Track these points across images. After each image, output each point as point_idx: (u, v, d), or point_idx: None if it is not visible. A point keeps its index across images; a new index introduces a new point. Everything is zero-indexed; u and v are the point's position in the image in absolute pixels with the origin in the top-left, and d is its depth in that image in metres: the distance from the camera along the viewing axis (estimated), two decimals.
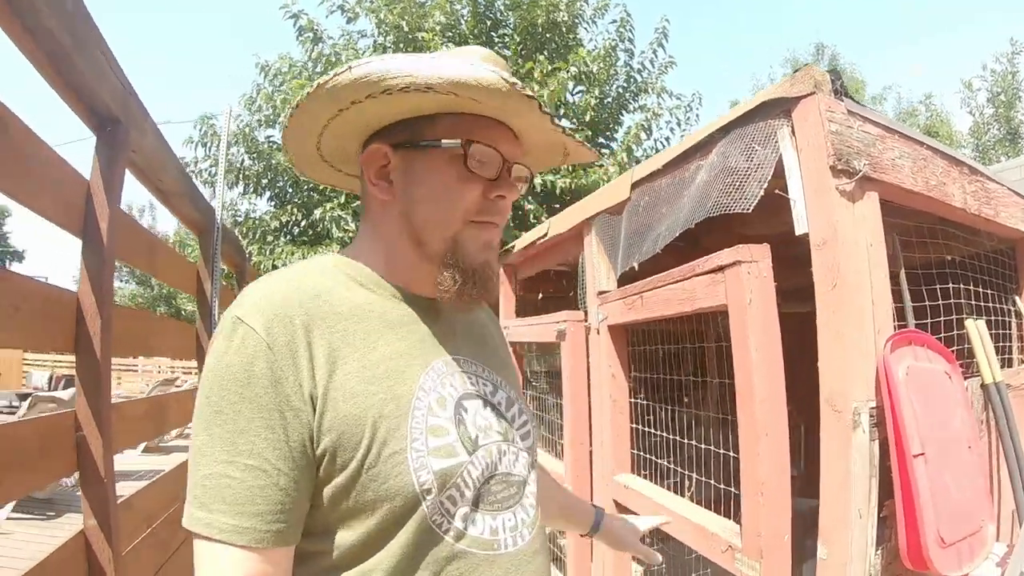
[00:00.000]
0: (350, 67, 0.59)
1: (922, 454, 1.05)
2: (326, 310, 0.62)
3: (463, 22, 5.88)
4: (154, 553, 2.01)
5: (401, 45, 5.46)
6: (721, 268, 1.31)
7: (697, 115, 7.22)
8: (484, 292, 0.69)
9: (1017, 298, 2.19)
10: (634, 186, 1.84)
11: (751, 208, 1.25)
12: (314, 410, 0.58)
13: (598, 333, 2.02)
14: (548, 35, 6.09)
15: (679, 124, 6.95)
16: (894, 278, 1.32)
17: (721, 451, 1.54)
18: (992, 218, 1.69)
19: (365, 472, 0.59)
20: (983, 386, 1.61)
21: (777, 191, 1.27)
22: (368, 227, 0.71)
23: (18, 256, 30.90)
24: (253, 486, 0.55)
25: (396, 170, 0.68)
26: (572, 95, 6.35)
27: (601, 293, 2.04)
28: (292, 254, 5.21)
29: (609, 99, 6.64)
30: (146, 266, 2.16)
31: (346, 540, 0.60)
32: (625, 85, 6.72)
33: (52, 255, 46.86)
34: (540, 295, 3.59)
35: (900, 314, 1.39)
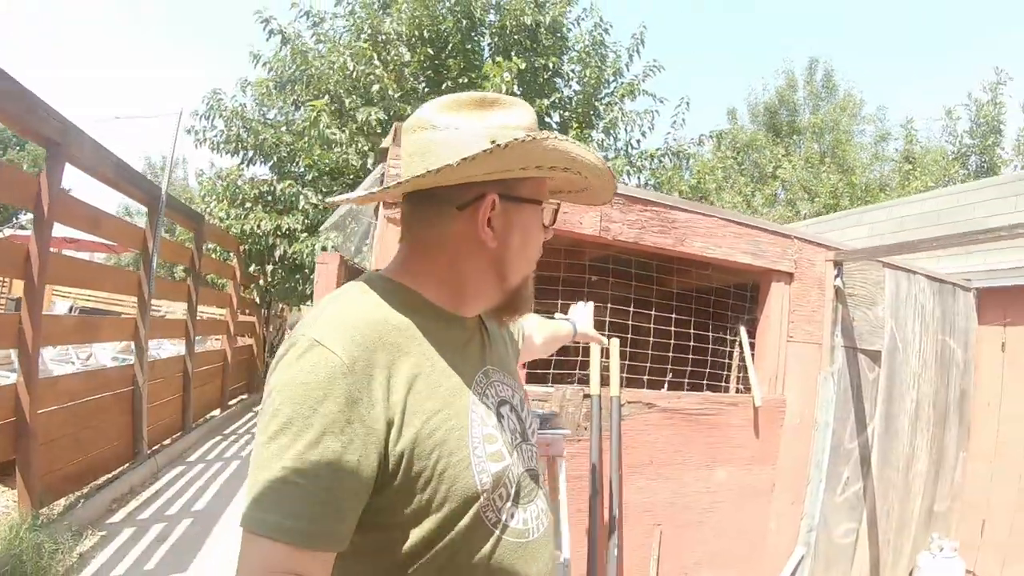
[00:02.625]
0: (549, 136, 0.68)
1: None
2: (394, 335, 0.68)
3: (444, 21, 6.49)
4: (69, 416, 3.19)
5: (370, 43, 6.09)
6: None
7: (683, 119, 7.65)
8: (528, 310, 0.85)
9: (742, 328, 2.98)
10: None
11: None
12: (389, 428, 0.64)
13: None
14: (527, 36, 6.62)
15: (651, 127, 7.49)
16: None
17: None
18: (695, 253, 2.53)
19: (437, 478, 0.66)
20: (586, 396, 2.31)
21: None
22: (438, 257, 0.76)
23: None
24: (314, 492, 0.59)
25: (496, 218, 0.74)
26: (551, 119, 6.94)
27: None
28: (262, 220, 6.08)
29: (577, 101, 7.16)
30: (89, 229, 3.34)
31: (414, 534, 0.66)
32: (594, 90, 7.15)
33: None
34: None
35: None
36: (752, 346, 2.78)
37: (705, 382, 2.76)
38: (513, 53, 6.31)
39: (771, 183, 12.68)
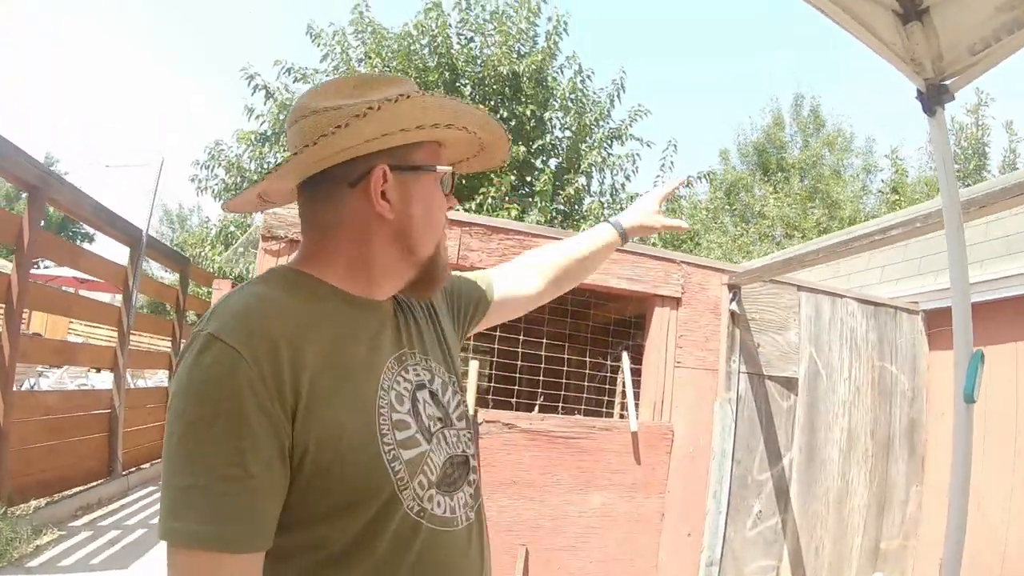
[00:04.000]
0: (424, 93, 0.69)
1: None
2: (292, 325, 0.65)
3: (428, 72, 6.98)
4: (43, 430, 3.62)
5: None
6: None
7: (671, 162, 7.91)
8: (445, 283, 0.84)
9: (625, 353, 3.06)
10: None
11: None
12: (293, 419, 0.62)
13: None
14: (507, 85, 7.02)
15: (635, 171, 7.66)
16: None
17: None
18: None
19: (347, 469, 0.64)
20: None
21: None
22: (343, 240, 0.74)
23: None
24: (225, 493, 0.57)
25: (392, 190, 0.73)
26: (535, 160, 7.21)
27: None
28: (251, 264, 6.56)
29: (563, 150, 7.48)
30: (69, 263, 3.83)
31: (336, 528, 0.65)
32: (578, 136, 7.46)
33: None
34: None
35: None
36: (637, 372, 2.80)
37: (583, 407, 2.80)
38: (493, 102, 6.64)
39: (760, 222, 12.54)
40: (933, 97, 1.45)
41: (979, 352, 1.31)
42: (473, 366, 2.48)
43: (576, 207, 7.22)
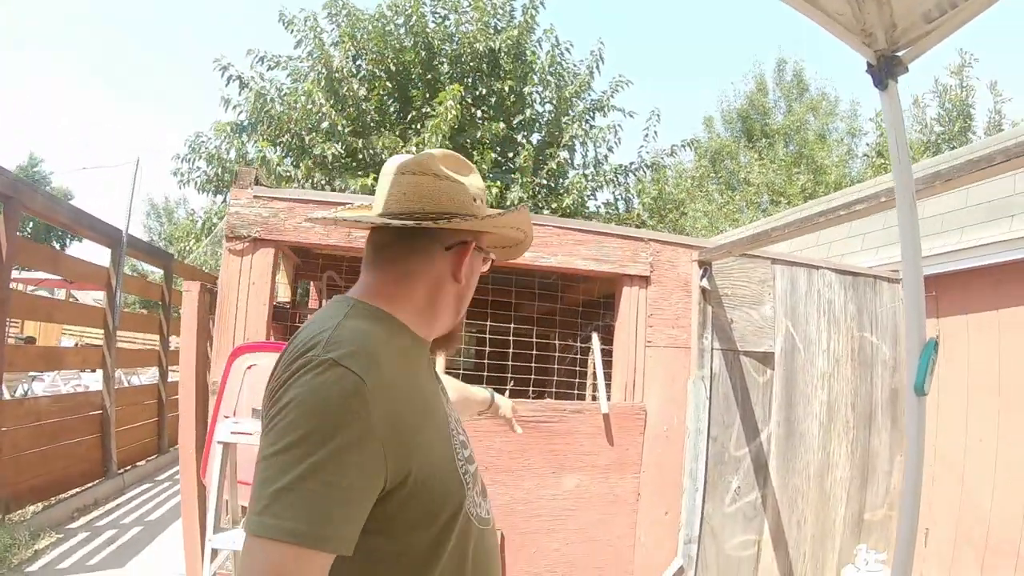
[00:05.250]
0: (526, 235, 1.02)
1: (233, 415, 2.27)
2: (396, 360, 0.77)
3: (405, 52, 6.88)
4: (35, 436, 3.71)
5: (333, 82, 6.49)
6: None
7: (655, 132, 7.80)
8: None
9: (594, 334, 3.08)
10: None
11: None
12: (397, 443, 0.71)
13: None
14: (485, 62, 6.93)
15: (617, 142, 7.58)
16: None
17: None
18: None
19: (436, 485, 0.77)
20: None
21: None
22: (416, 287, 0.87)
23: None
24: (330, 499, 0.65)
25: (467, 264, 0.90)
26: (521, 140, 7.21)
27: None
28: None
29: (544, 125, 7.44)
30: (49, 268, 3.89)
31: (418, 536, 0.76)
32: (559, 109, 7.40)
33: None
34: None
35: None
36: (607, 352, 2.81)
37: (554, 390, 2.82)
38: (469, 79, 6.57)
39: (746, 189, 12.40)
40: (885, 69, 1.42)
41: (932, 341, 1.29)
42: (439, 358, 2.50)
43: (560, 181, 7.19)
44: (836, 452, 3.18)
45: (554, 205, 6.77)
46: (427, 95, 6.42)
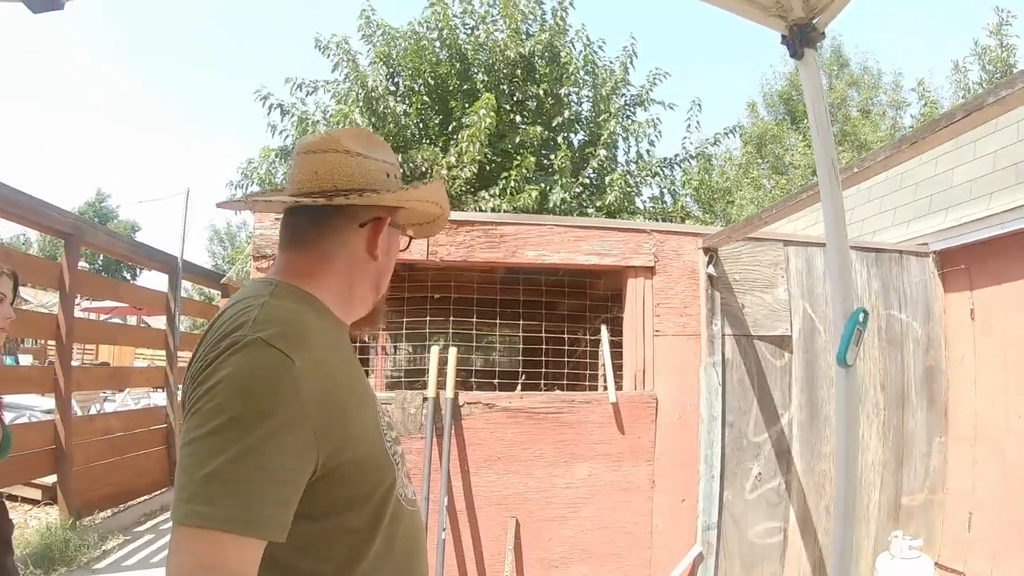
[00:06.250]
0: (436, 177, 1.41)
1: None
2: (322, 341, 0.76)
3: (440, 66, 7.08)
4: (105, 446, 4.10)
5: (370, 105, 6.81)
6: None
7: (698, 122, 7.70)
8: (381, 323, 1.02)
9: (603, 327, 3.15)
10: None
11: None
12: (328, 424, 0.70)
13: None
14: (520, 67, 7.02)
15: (659, 136, 7.54)
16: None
17: None
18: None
19: (367, 465, 0.77)
20: (425, 399, 2.63)
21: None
22: (337, 268, 0.87)
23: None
24: (263, 483, 0.63)
25: (384, 240, 0.90)
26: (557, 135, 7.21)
27: None
28: None
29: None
30: (110, 296, 4.30)
31: (354, 516, 0.76)
32: (598, 108, 7.44)
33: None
34: None
35: None
36: (618, 343, 2.86)
37: (565, 382, 2.90)
38: (505, 86, 6.68)
39: (793, 172, 11.91)
40: (800, 38, 1.45)
41: (859, 309, 1.31)
42: (452, 352, 2.64)
43: (603, 179, 7.19)
44: (866, 435, 3.10)
45: (598, 204, 6.80)
46: (466, 105, 6.61)
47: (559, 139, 6.96)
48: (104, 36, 55.04)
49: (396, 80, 7.05)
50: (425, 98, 6.89)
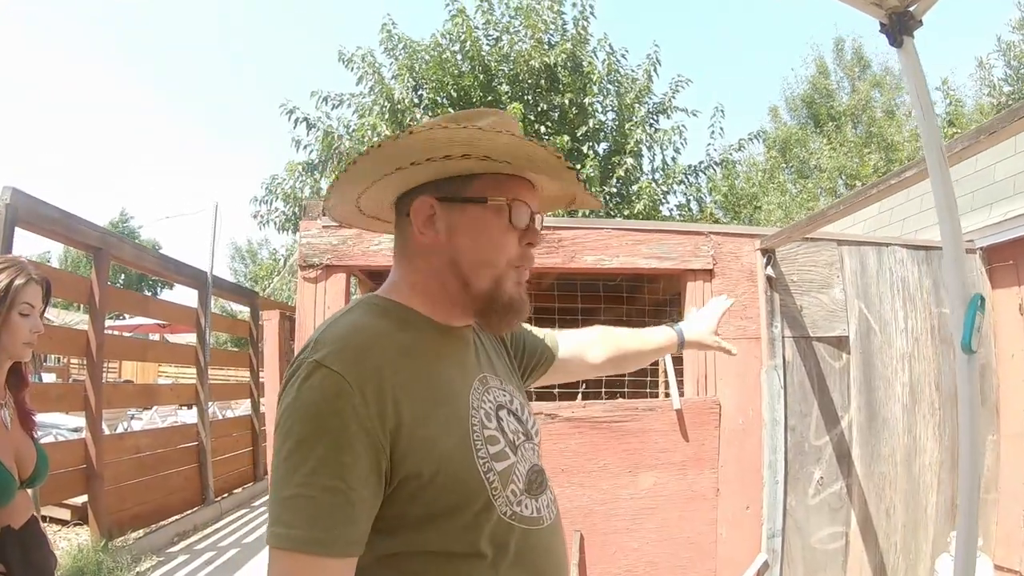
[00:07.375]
0: (411, 131, 0.72)
1: None
2: (391, 352, 0.74)
3: (463, 78, 7.04)
4: (135, 464, 4.01)
5: (395, 115, 6.85)
6: None
7: (721, 128, 7.72)
8: (516, 320, 0.87)
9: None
10: None
11: None
12: (393, 439, 0.69)
13: None
14: (543, 77, 7.03)
15: (684, 143, 7.51)
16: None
17: None
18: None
19: (443, 481, 0.72)
20: None
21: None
22: (409, 268, 0.83)
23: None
24: (328, 503, 0.64)
25: (440, 220, 0.80)
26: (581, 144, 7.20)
27: None
28: None
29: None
30: (140, 312, 4.21)
31: (432, 536, 0.73)
32: (623, 116, 7.46)
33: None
34: None
35: None
36: None
37: (625, 390, 2.85)
38: (529, 96, 6.67)
39: (818, 176, 11.99)
40: (899, 27, 1.42)
41: (977, 296, 1.28)
42: None
43: (630, 188, 7.18)
44: (923, 435, 3.06)
45: (626, 212, 6.81)
46: None
47: (584, 148, 6.96)
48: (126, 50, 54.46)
49: (420, 92, 7.04)
50: (449, 110, 6.89)
